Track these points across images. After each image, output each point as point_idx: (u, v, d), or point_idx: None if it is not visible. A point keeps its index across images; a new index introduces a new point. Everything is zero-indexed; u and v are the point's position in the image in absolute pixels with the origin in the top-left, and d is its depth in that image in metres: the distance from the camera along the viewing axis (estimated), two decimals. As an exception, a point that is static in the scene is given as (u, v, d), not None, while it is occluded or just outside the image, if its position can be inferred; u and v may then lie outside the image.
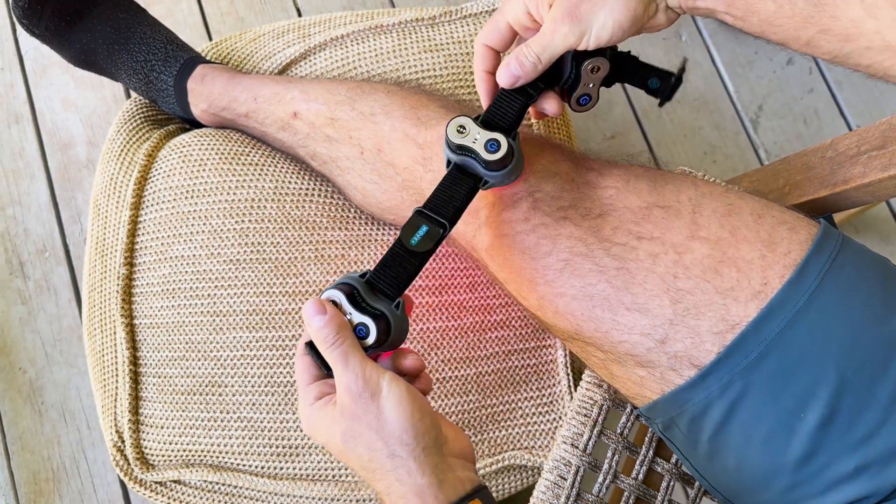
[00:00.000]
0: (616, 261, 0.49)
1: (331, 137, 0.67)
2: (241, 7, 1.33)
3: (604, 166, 0.54)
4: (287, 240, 0.71)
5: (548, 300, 0.52)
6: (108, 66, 0.78)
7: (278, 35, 0.84)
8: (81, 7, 0.76)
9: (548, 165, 0.53)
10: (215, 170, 0.74)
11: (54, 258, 1.23)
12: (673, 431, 0.54)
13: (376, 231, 0.72)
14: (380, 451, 0.42)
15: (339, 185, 0.70)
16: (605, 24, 0.46)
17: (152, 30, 0.78)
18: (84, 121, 1.27)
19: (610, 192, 0.52)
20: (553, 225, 0.51)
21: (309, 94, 0.69)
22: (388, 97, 0.64)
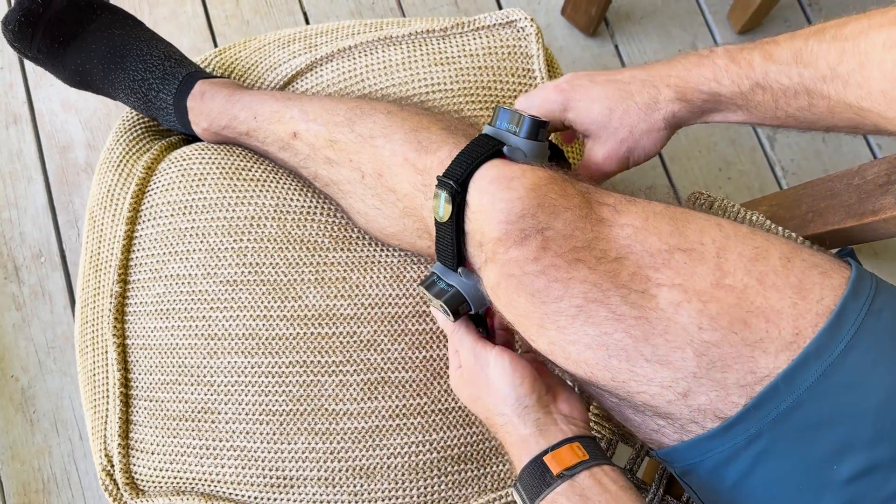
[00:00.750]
0: (635, 309, 0.46)
1: (331, 160, 0.65)
2: (246, 10, 1.30)
3: (619, 202, 0.51)
4: (286, 261, 0.68)
5: (559, 346, 0.49)
6: (105, 85, 0.76)
7: (284, 44, 0.81)
8: (74, 27, 0.74)
9: (556, 199, 0.50)
10: (215, 185, 0.71)
11: (50, 263, 1.20)
12: (691, 477, 0.51)
13: (379, 253, 0.69)
14: (491, 410, 0.53)
15: (343, 208, 0.67)
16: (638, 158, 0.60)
17: (149, 46, 0.75)
18: (84, 123, 1.24)
19: (627, 230, 0.48)
20: (565, 267, 0.48)
21: (308, 113, 0.66)
22: (388, 119, 0.62)
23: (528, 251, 0.48)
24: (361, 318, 0.66)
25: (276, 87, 0.79)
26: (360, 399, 0.65)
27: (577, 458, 0.48)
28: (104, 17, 0.75)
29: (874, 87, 0.45)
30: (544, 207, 0.49)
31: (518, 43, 0.78)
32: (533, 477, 0.49)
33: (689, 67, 0.55)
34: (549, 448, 0.49)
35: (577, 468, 0.47)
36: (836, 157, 1.26)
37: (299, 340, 0.66)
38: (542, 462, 0.49)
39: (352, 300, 0.67)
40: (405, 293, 0.67)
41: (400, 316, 0.67)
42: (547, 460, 0.48)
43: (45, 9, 0.72)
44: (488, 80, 0.76)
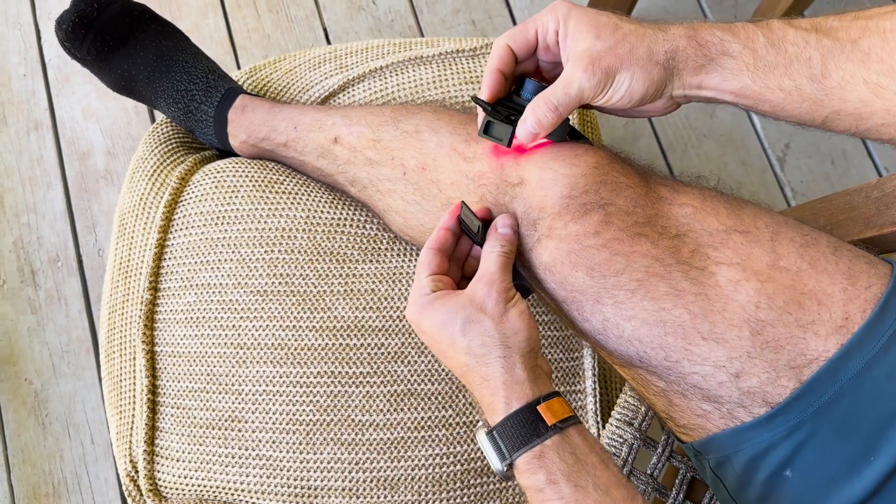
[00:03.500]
0: (695, 285, 0.47)
1: (372, 160, 0.65)
2: (267, 24, 1.31)
3: (675, 184, 0.52)
4: (316, 272, 0.69)
5: (613, 323, 0.50)
6: (148, 93, 0.77)
7: (315, 66, 0.82)
8: (125, 33, 0.75)
9: (618, 177, 0.51)
10: (248, 197, 0.72)
11: (67, 268, 1.21)
12: (725, 469, 0.52)
13: (408, 264, 0.70)
14: (496, 339, 0.47)
15: (379, 210, 0.68)
16: (621, 86, 0.49)
17: (195, 59, 0.77)
18: (104, 131, 1.25)
19: (686, 209, 0.49)
20: (628, 241, 0.48)
21: (351, 118, 0.68)
22: (435, 114, 0.63)
23: (589, 225, 0.49)
24: (389, 329, 0.67)
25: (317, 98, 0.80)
26: (386, 410, 0.66)
27: (567, 413, 0.46)
28: (154, 28, 0.76)
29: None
30: (607, 184, 0.50)
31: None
32: (521, 426, 0.46)
33: (702, 20, 0.50)
34: (541, 397, 0.46)
35: (568, 422, 0.46)
36: (845, 179, 1.28)
37: (328, 351, 0.66)
38: (535, 410, 0.46)
39: (380, 312, 0.68)
40: (433, 307, 0.68)
41: (428, 329, 0.67)
42: (541, 409, 0.46)
43: (100, 13, 0.73)
44: (515, 99, 0.77)
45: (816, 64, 0.46)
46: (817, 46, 0.46)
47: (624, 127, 1.27)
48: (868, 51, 0.44)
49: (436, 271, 0.52)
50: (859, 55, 0.45)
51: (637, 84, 0.48)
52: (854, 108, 0.46)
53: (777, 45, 0.47)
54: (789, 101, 0.47)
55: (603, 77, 0.48)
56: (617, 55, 0.48)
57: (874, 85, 0.44)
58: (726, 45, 0.48)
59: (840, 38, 0.45)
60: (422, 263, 0.53)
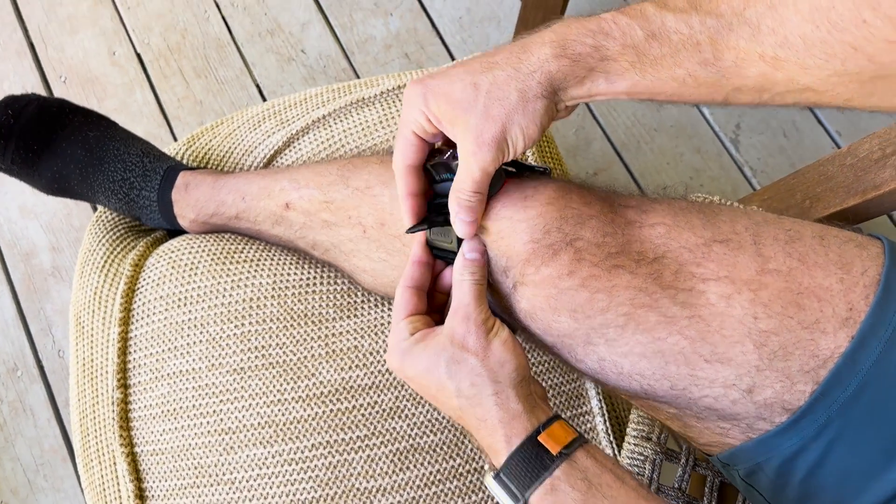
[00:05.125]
0: (686, 308, 0.45)
1: (329, 222, 0.63)
2: (197, 90, 1.29)
3: (642, 202, 0.50)
4: (293, 339, 0.65)
5: (609, 362, 0.47)
6: (84, 190, 0.73)
7: (255, 125, 0.80)
8: (47, 134, 0.71)
9: (579, 208, 0.48)
10: (208, 273, 0.68)
11: (28, 376, 1.15)
12: (757, 477, 0.50)
13: (387, 314, 0.67)
14: (484, 377, 0.45)
15: (347, 271, 0.65)
16: (517, 140, 0.46)
17: (126, 144, 0.73)
18: (45, 227, 1.21)
19: (659, 229, 0.47)
20: (605, 276, 0.46)
21: (299, 181, 0.65)
22: (383, 167, 0.61)
23: (561, 266, 0.47)
24: (380, 386, 0.64)
25: (260, 163, 0.78)
26: (392, 472, 0.63)
27: (570, 435, 0.44)
28: (77, 121, 0.73)
29: (791, 32, 0.39)
30: (568, 219, 0.48)
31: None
32: (527, 461, 0.43)
33: (567, 24, 0.45)
34: (541, 426, 0.44)
35: (574, 445, 0.43)
36: (801, 150, 1.29)
37: (319, 420, 0.63)
38: (537, 442, 0.43)
39: (367, 369, 0.65)
40: (421, 353, 0.65)
41: (420, 378, 0.65)
42: (542, 440, 0.43)
43: (17, 119, 0.70)
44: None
45: (706, 48, 0.42)
46: (701, 28, 0.42)
47: (575, 134, 1.26)
48: (757, 23, 0.41)
49: (412, 312, 0.49)
50: (748, 30, 0.41)
51: (530, 129, 0.45)
52: (755, 82, 0.43)
53: (658, 35, 0.43)
54: (685, 88, 0.44)
55: (494, 147, 0.45)
56: (493, 118, 0.45)
57: (771, 59, 0.41)
58: (602, 50, 0.44)
59: (723, 14, 0.42)
60: (398, 306, 0.50)
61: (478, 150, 0.45)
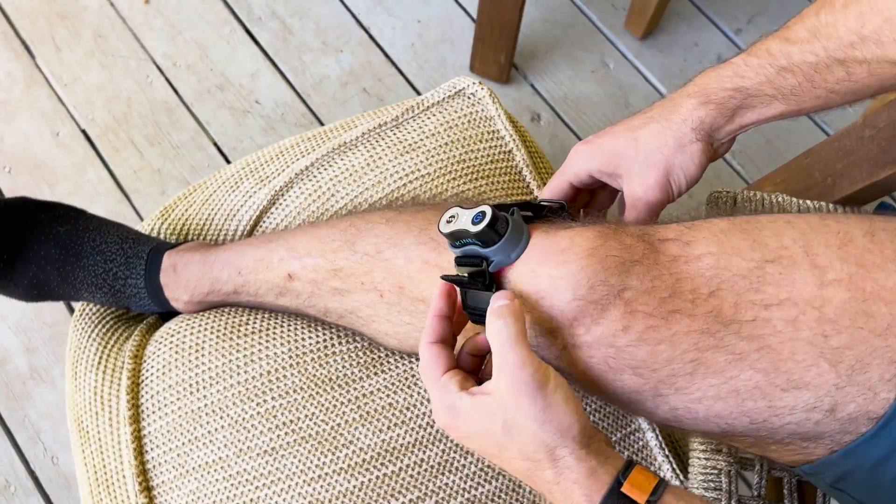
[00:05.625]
0: (753, 341, 0.44)
1: (339, 290, 0.60)
2: (153, 159, 1.25)
3: (681, 232, 0.48)
4: (322, 407, 0.62)
5: (683, 409, 0.46)
6: (66, 290, 0.69)
7: (233, 187, 0.77)
8: (13, 239, 0.67)
9: (620, 254, 0.46)
10: (216, 352, 0.65)
11: (22, 490, 1.08)
12: (846, 482, 0.48)
13: (417, 365, 0.64)
14: (548, 440, 0.42)
15: (368, 336, 0.62)
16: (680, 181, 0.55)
17: (100, 233, 0.69)
18: (14, 328, 1.15)
19: (707, 261, 0.46)
20: (664, 325, 0.44)
21: (298, 250, 0.62)
22: (390, 227, 0.58)
23: (614, 323, 0.45)
24: (424, 442, 0.61)
25: (244, 233, 0.75)
26: (451, 528, 0.60)
27: (652, 480, 0.42)
28: (43, 218, 0.68)
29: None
30: (611, 268, 0.45)
31: (474, 109, 0.77)
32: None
33: (705, 75, 0.53)
34: (620, 475, 0.41)
35: (659, 491, 0.41)
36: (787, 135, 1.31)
37: (366, 490, 0.60)
38: (621, 494, 0.41)
39: (407, 426, 0.62)
40: (460, 399, 0.63)
41: (463, 425, 0.62)
42: (627, 491, 0.41)
43: None
44: (459, 153, 0.74)
45: (836, 69, 0.48)
46: (826, 53, 0.48)
47: (550, 143, 1.26)
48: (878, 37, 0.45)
49: (449, 367, 0.46)
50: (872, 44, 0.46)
51: (690, 169, 0.54)
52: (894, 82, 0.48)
53: (788, 68, 0.50)
54: (830, 101, 0.50)
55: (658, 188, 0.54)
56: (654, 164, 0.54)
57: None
58: (743, 91, 0.51)
59: (842, 35, 0.47)
60: (431, 364, 0.47)
61: (644, 193, 0.54)
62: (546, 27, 1.35)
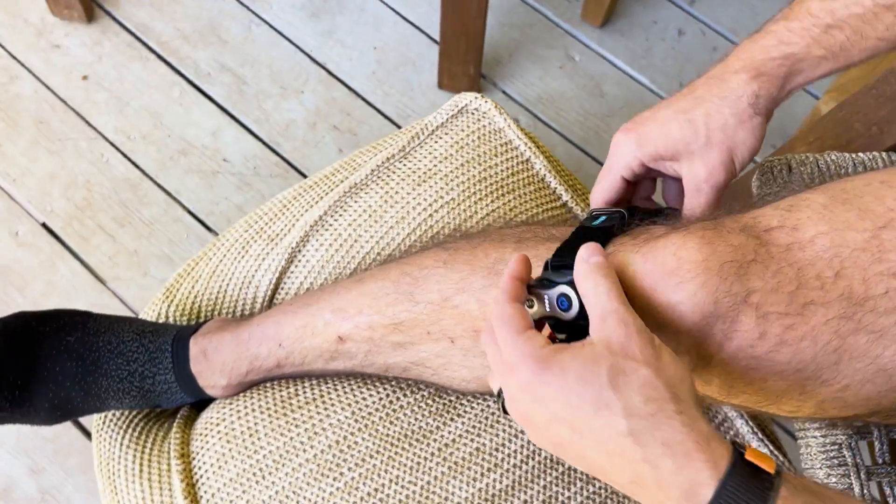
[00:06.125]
0: (891, 315, 0.42)
1: (402, 343, 0.57)
2: (126, 241, 1.19)
3: (782, 217, 0.45)
4: (405, 468, 0.58)
5: (830, 400, 0.44)
6: (90, 402, 0.64)
7: (240, 253, 0.72)
8: (24, 360, 0.61)
9: (733, 258, 0.43)
10: (272, 432, 0.61)
11: None
12: None
13: (493, 403, 0.61)
14: (661, 390, 0.37)
15: (439, 384, 0.59)
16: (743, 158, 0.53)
17: (115, 334, 0.64)
18: (13, 451, 1.07)
19: (822, 241, 0.43)
20: (801, 322, 0.42)
21: (346, 310, 0.59)
22: (451, 270, 0.55)
23: (749, 333, 0.42)
24: (522, 481, 0.58)
25: (265, 300, 0.70)
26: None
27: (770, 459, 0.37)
28: (48, 330, 0.63)
29: None
30: (729, 277, 0.42)
31: (481, 124, 0.75)
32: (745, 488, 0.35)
33: (746, 48, 0.53)
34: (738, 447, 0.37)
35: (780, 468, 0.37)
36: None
37: (473, 545, 0.56)
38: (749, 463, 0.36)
39: (501, 469, 0.58)
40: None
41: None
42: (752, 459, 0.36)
43: None
44: (477, 172, 0.71)
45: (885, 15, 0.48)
46: (872, 5, 0.48)
47: (534, 147, 1.24)
48: None
49: (530, 326, 0.42)
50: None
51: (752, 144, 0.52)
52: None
53: (834, 24, 0.50)
54: (879, 47, 0.50)
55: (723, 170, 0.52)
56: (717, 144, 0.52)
57: None
58: (791, 57, 0.51)
59: None
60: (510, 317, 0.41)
61: (710, 175, 0.52)
62: (504, 31, 1.34)
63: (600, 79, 1.31)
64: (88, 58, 1.30)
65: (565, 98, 1.29)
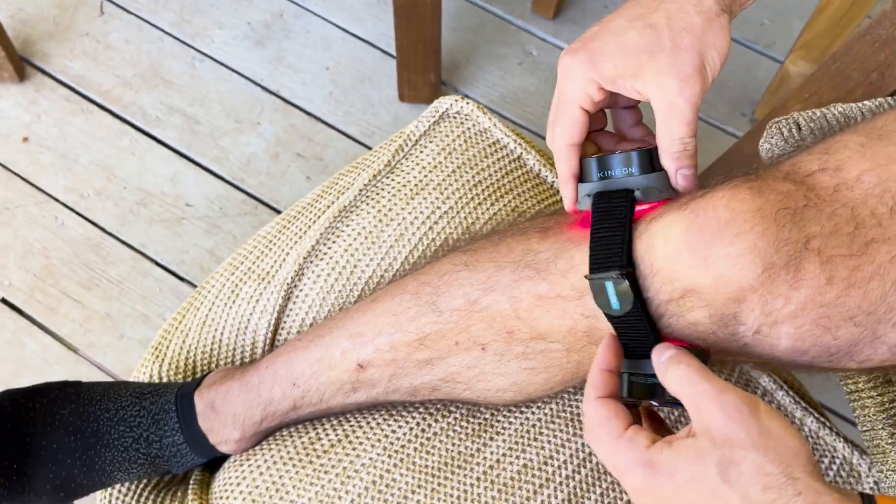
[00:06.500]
0: None
1: (428, 360, 0.54)
2: (96, 304, 1.13)
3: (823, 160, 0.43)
4: (452, 498, 0.55)
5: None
6: (94, 478, 0.59)
7: (230, 298, 0.69)
8: (17, 442, 0.57)
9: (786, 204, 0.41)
10: (300, 483, 0.57)
11: None
12: None
13: (531, 415, 0.58)
14: (775, 475, 0.36)
15: (470, 400, 0.56)
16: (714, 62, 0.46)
17: (112, 401, 0.60)
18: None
19: (868, 179, 0.42)
20: (866, 261, 0.40)
21: (364, 333, 0.55)
22: (473, 271, 0.52)
23: (815, 280, 0.40)
24: (578, 492, 0.55)
25: (266, 342, 0.67)
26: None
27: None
28: (39, 406, 0.58)
29: None
30: (787, 224, 0.41)
31: (466, 126, 0.72)
32: None
33: None
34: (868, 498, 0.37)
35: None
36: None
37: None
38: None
39: (553, 483, 0.55)
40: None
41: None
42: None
43: None
44: (471, 176, 0.69)
45: None
46: None
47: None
48: None
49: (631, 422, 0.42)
50: None
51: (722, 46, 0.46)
52: None
53: None
54: None
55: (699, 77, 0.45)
56: (686, 48, 0.45)
57: None
58: None
59: None
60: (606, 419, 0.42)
61: (684, 85, 0.45)
62: (458, 35, 1.32)
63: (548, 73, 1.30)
64: (26, 118, 1.24)
65: (529, 94, 1.27)
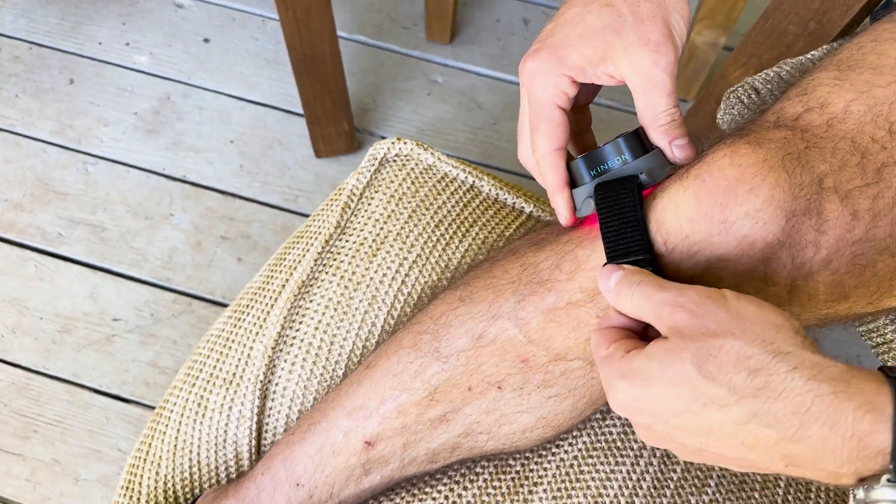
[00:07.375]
0: None
1: (443, 416, 0.50)
2: (39, 452, 1.04)
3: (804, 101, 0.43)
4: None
5: None
6: None
7: (198, 413, 0.63)
8: None
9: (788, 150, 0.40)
10: None
11: None
12: None
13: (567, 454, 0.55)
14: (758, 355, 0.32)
15: (495, 451, 0.52)
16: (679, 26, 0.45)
17: None
18: None
19: (857, 107, 0.41)
20: (885, 188, 0.40)
21: (365, 406, 0.51)
22: (471, 305, 0.49)
23: (840, 216, 0.39)
24: None
25: (252, 450, 0.61)
26: None
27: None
28: None
29: None
30: (795, 169, 0.40)
31: (409, 167, 0.69)
32: None
33: None
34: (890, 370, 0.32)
35: None
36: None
37: None
38: None
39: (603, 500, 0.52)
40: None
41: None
42: None
43: None
44: (429, 218, 0.66)
45: None
46: None
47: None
48: None
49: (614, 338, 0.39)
50: None
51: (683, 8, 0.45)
52: None
53: None
54: None
55: (669, 43, 0.44)
56: (648, 17, 0.44)
57: None
58: None
59: None
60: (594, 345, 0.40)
61: (657, 55, 0.43)
62: (358, 79, 1.29)
63: (471, 92, 1.29)
64: (-88, 269, 1.14)
65: (447, 121, 1.26)
